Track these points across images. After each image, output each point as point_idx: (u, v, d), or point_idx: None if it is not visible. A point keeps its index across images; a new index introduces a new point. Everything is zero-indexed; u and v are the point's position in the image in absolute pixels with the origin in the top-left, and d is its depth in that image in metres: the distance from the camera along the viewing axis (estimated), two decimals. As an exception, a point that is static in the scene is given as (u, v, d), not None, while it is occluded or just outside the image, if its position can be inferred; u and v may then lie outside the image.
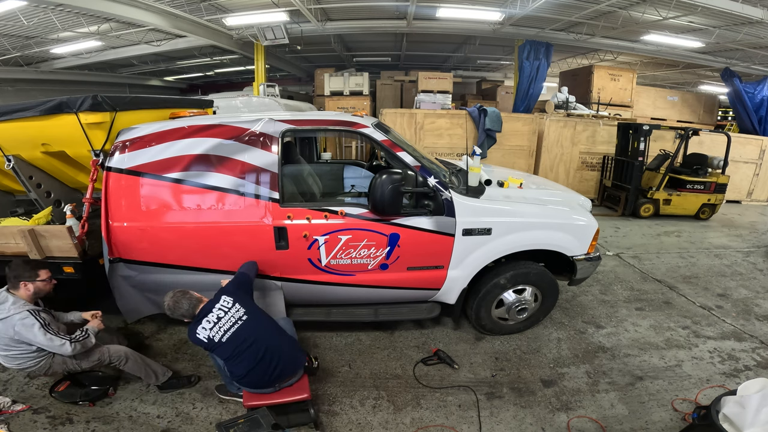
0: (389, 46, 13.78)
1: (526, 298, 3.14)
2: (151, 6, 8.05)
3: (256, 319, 2.35)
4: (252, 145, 2.68)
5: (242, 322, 2.29)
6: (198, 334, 2.25)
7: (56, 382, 2.62)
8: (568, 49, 11.74)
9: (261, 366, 2.24)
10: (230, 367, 2.30)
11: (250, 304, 2.40)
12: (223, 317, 2.28)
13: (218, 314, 2.28)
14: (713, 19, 8.19)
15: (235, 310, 2.31)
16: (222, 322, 2.26)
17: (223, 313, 2.29)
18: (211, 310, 2.30)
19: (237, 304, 2.33)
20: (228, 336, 2.24)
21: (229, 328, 2.25)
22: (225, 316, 2.28)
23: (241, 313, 2.31)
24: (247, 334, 2.26)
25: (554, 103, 9.17)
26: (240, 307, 2.33)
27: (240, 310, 2.32)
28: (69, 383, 2.60)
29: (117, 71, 15.71)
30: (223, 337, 2.24)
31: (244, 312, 2.32)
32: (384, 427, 2.42)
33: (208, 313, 2.29)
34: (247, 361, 2.24)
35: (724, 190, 7.02)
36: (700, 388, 2.75)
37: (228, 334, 2.24)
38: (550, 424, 2.44)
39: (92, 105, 2.53)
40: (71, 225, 2.68)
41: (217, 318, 2.27)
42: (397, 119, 7.60)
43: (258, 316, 2.38)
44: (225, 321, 2.27)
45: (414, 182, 2.72)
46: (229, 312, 2.30)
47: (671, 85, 16.01)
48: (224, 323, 2.26)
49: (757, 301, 4.11)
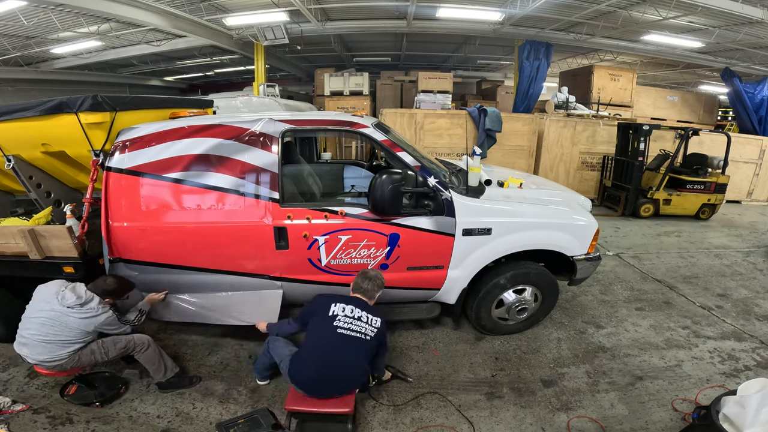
0: (389, 46, 13.78)
1: (526, 298, 3.14)
2: (151, 6, 8.05)
3: (367, 348, 2.34)
4: (252, 145, 2.68)
5: (362, 337, 2.31)
6: (333, 305, 2.34)
7: (64, 385, 2.62)
8: (568, 49, 11.74)
9: (326, 374, 2.24)
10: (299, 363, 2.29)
11: (378, 338, 2.38)
12: (362, 322, 2.33)
13: (362, 316, 2.34)
14: (713, 19, 8.20)
15: (371, 329, 2.34)
16: (357, 323, 2.31)
17: (365, 321, 2.34)
18: (363, 309, 2.37)
19: (376, 330, 2.36)
20: (343, 332, 2.27)
21: (354, 330, 2.30)
22: (363, 323, 2.33)
23: (371, 334, 2.34)
24: (351, 345, 2.28)
25: (554, 103, 9.17)
26: (374, 332, 2.35)
27: (373, 332, 2.34)
28: (77, 386, 2.61)
29: (117, 71, 15.72)
30: (339, 328, 2.28)
31: (372, 335, 2.34)
32: (384, 427, 2.42)
33: (359, 308, 2.36)
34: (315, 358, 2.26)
35: (724, 190, 7.02)
36: (700, 388, 2.75)
37: (346, 332, 2.28)
38: (550, 424, 2.44)
39: (92, 105, 2.53)
40: (71, 225, 2.67)
41: (359, 318, 2.33)
42: (397, 119, 7.60)
43: (370, 348, 2.36)
44: (358, 324, 2.31)
45: (414, 182, 2.72)
46: (368, 325, 2.34)
47: (671, 85, 16.02)
48: (356, 325, 2.31)
49: (757, 301, 4.11)
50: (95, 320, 2.37)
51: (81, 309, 2.33)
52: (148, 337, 2.61)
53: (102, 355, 2.49)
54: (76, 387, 2.61)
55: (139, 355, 2.57)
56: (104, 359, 2.51)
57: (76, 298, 2.34)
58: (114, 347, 2.51)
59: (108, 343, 2.50)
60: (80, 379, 2.60)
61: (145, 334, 2.64)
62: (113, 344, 2.51)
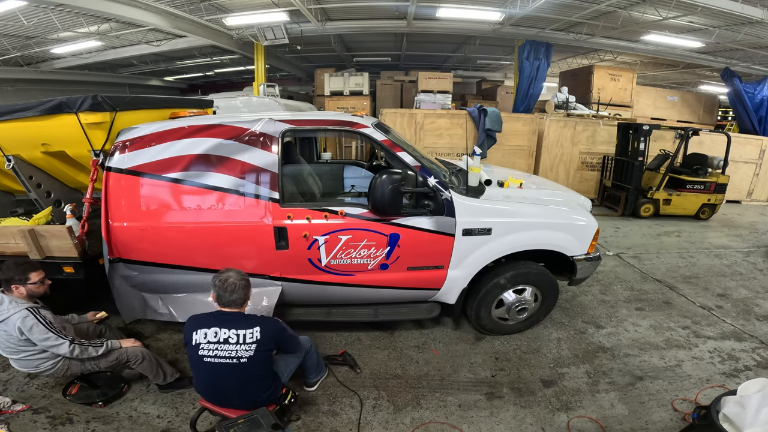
0: (389, 46, 13.78)
1: (526, 298, 3.14)
2: (151, 6, 8.05)
3: (249, 370, 2.02)
4: (252, 145, 2.68)
5: (235, 362, 1.98)
6: (195, 333, 2.02)
7: (67, 385, 2.62)
8: (568, 49, 11.74)
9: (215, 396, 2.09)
10: (191, 370, 2.14)
11: (263, 354, 2.05)
12: (231, 345, 1.98)
13: (231, 337, 1.99)
14: (713, 19, 8.20)
15: (245, 349, 1.99)
16: (224, 347, 1.99)
17: (235, 341, 1.99)
18: (230, 326, 2.01)
19: (254, 346, 2.00)
20: (211, 361, 1.98)
21: (222, 356, 1.98)
22: (233, 345, 1.98)
23: (246, 355, 1.99)
24: (224, 373, 2.00)
25: (554, 103, 9.17)
26: (252, 350, 1.99)
27: (249, 352, 1.99)
28: (80, 385, 2.61)
29: (117, 71, 15.72)
30: (206, 357, 1.99)
31: (249, 357, 1.99)
32: (384, 427, 2.42)
33: (225, 327, 2.01)
34: (203, 383, 2.08)
35: (724, 190, 7.02)
36: (700, 388, 2.75)
37: (213, 360, 1.98)
38: (550, 424, 2.44)
39: (92, 105, 2.53)
40: (71, 225, 2.68)
41: (226, 340, 1.99)
42: (397, 119, 7.60)
43: (254, 367, 2.03)
44: (226, 348, 1.98)
45: (414, 182, 2.72)
46: (240, 345, 1.99)
47: (671, 85, 16.02)
48: (224, 350, 1.98)
49: (757, 301, 4.11)
50: (10, 323, 2.15)
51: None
52: (142, 350, 2.55)
53: (92, 366, 2.43)
54: (79, 386, 2.61)
55: (135, 367, 2.53)
56: (95, 369, 2.46)
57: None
58: (105, 359, 2.43)
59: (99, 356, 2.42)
60: (82, 378, 2.59)
61: (138, 347, 2.55)
62: (104, 356, 2.42)
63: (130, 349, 2.52)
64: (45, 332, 2.19)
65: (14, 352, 2.28)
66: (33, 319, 2.20)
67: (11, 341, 2.24)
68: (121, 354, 2.49)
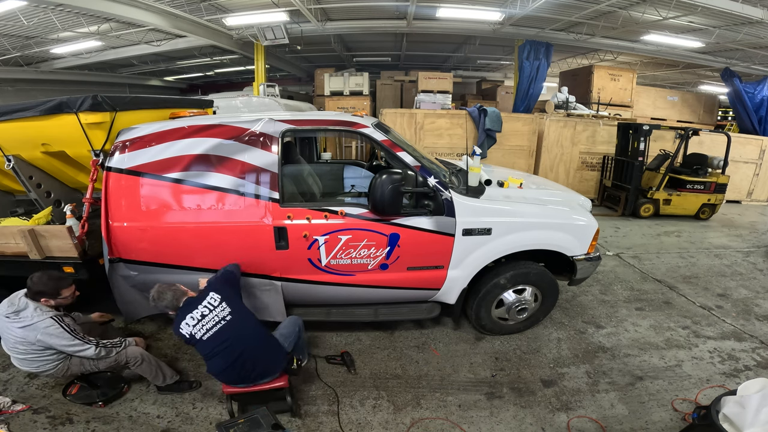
0: (389, 46, 13.78)
1: (526, 298, 3.14)
2: (151, 6, 8.05)
3: (240, 321, 2.30)
4: (252, 145, 2.68)
5: (225, 323, 2.25)
6: (181, 329, 2.25)
7: (67, 384, 2.62)
8: (568, 49, 11.73)
9: (236, 366, 2.24)
10: (208, 363, 2.29)
11: (236, 304, 2.36)
12: (208, 315, 2.25)
13: (203, 311, 2.25)
14: (713, 19, 8.19)
15: (220, 309, 2.28)
16: (205, 320, 2.24)
17: (208, 311, 2.26)
18: (196, 306, 2.27)
19: (223, 303, 2.30)
20: (209, 335, 2.22)
21: (211, 327, 2.23)
22: (209, 315, 2.25)
23: (225, 313, 2.27)
24: (227, 335, 2.24)
25: (554, 103, 9.17)
26: (226, 306, 2.29)
27: (225, 309, 2.28)
28: (80, 385, 2.61)
29: (117, 71, 15.71)
30: (204, 336, 2.22)
31: (229, 312, 2.28)
32: (384, 427, 2.42)
33: (193, 309, 2.26)
34: (223, 360, 2.23)
35: (724, 190, 7.02)
36: (700, 388, 2.75)
37: (209, 333, 2.22)
38: (550, 424, 2.44)
39: (92, 105, 2.53)
40: (71, 225, 2.67)
41: (201, 315, 2.25)
42: (397, 119, 7.60)
43: (243, 316, 2.33)
44: (209, 319, 2.24)
45: (414, 182, 2.72)
46: (214, 310, 2.27)
47: (671, 85, 16.01)
48: (207, 321, 2.24)
49: (757, 301, 4.11)
50: (33, 329, 2.20)
51: (17, 318, 2.22)
52: (141, 351, 2.56)
53: (92, 367, 2.45)
54: (79, 386, 2.61)
55: (134, 368, 2.54)
56: (94, 369, 2.48)
57: (8, 305, 2.24)
58: (105, 360, 2.45)
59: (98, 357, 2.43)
60: (82, 378, 2.60)
61: (138, 348, 2.57)
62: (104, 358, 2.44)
63: (130, 350, 2.52)
64: (71, 339, 2.28)
65: (21, 353, 2.29)
66: (59, 328, 2.25)
67: (23, 344, 2.25)
68: (120, 355, 2.49)
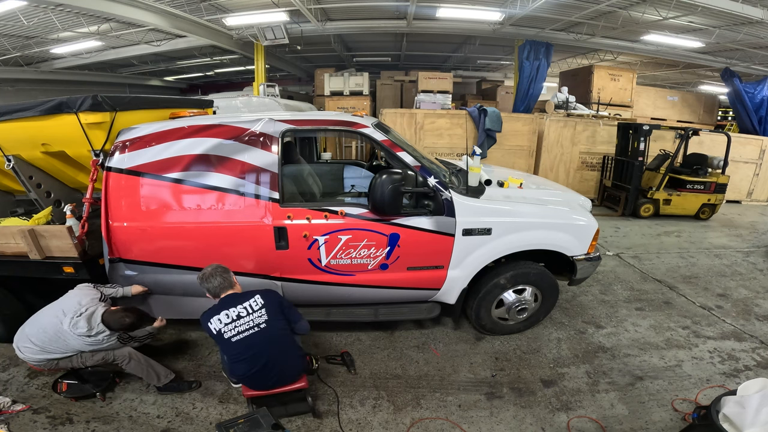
0: (389, 46, 13.77)
1: (526, 298, 3.14)
2: (151, 6, 8.05)
3: (272, 332, 2.26)
4: (252, 145, 2.68)
5: (258, 330, 2.23)
6: (210, 323, 2.21)
7: (54, 383, 2.62)
8: (568, 49, 11.73)
9: (260, 373, 2.25)
10: (231, 365, 2.30)
11: (275, 314, 2.31)
12: (244, 317, 2.22)
13: (240, 312, 2.22)
14: (713, 19, 8.19)
15: (258, 315, 2.25)
16: (240, 322, 2.21)
17: (246, 313, 2.23)
18: (236, 303, 2.24)
19: (263, 309, 2.27)
20: (239, 338, 2.20)
21: (244, 330, 2.21)
22: (246, 317, 2.23)
23: (262, 320, 2.25)
24: (257, 343, 2.22)
25: (554, 103, 9.16)
26: (264, 314, 2.26)
27: (262, 317, 2.25)
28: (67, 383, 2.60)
29: (117, 71, 15.71)
30: (233, 337, 2.20)
31: (265, 320, 2.25)
32: (384, 427, 2.42)
33: (231, 306, 2.23)
34: (248, 366, 2.23)
35: (724, 190, 7.02)
36: (700, 388, 2.75)
37: (240, 336, 2.20)
38: (550, 424, 2.44)
39: (92, 105, 2.53)
40: (71, 225, 2.67)
41: (238, 315, 2.22)
42: (397, 119, 7.60)
43: (276, 328, 2.29)
44: (243, 322, 2.22)
45: (414, 182, 2.72)
46: (252, 314, 2.24)
47: (671, 85, 16.01)
48: (241, 324, 2.21)
49: (757, 301, 4.11)
50: (98, 346, 2.42)
51: (88, 338, 2.37)
52: (129, 350, 2.56)
53: (79, 363, 2.50)
54: (67, 384, 2.60)
55: (124, 367, 2.57)
56: (81, 366, 2.52)
57: (87, 329, 2.36)
58: (92, 358, 2.50)
59: (86, 355, 2.49)
60: (67, 375, 2.62)
61: (126, 347, 2.57)
62: (91, 356, 2.49)
63: (117, 350, 2.54)
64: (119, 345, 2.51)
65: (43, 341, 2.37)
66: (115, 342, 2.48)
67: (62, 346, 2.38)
68: (108, 354, 2.51)
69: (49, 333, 2.37)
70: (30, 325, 2.45)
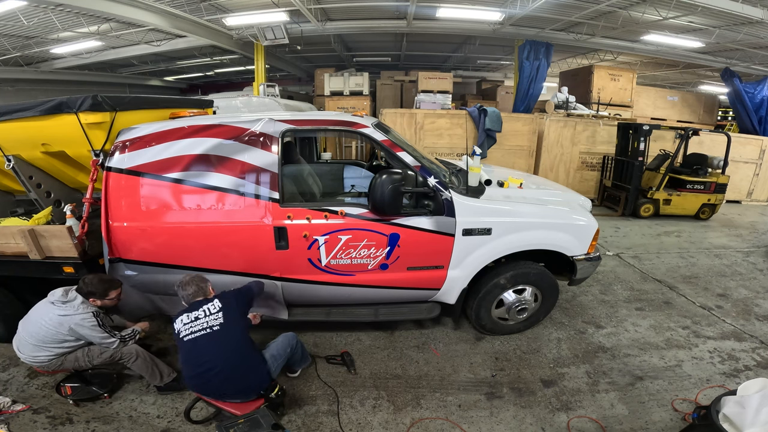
0: (389, 46, 13.78)
1: (526, 298, 3.14)
2: (151, 6, 8.05)
3: (225, 336, 2.22)
4: (252, 145, 2.68)
5: (209, 332, 2.20)
6: (175, 324, 2.27)
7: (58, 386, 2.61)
8: (568, 49, 11.73)
9: (201, 378, 2.19)
10: (181, 365, 2.30)
11: (232, 318, 2.28)
12: (201, 319, 2.24)
13: (199, 314, 2.25)
14: (713, 19, 8.20)
15: (213, 318, 2.24)
16: (196, 323, 2.23)
17: (203, 315, 2.25)
18: (199, 306, 2.28)
19: (220, 313, 2.26)
20: (189, 338, 2.20)
21: (196, 331, 2.21)
22: (203, 319, 2.24)
23: (216, 323, 2.23)
24: (202, 344, 2.19)
25: (554, 103, 9.16)
26: (220, 317, 2.25)
27: (218, 320, 2.23)
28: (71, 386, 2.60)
29: (117, 71, 15.72)
30: (185, 337, 2.21)
31: (220, 323, 2.23)
32: (384, 427, 2.42)
33: (195, 309, 2.27)
34: (190, 368, 2.22)
35: (724, 190, 7.02)
36: (700, 388, 2.75)
37: (190, 337, 2.20)
38: (550, 424, 2.44)
39: (92, 105, 2.53)
40: (71, 225, 2.67)
41: (196, 317, 2.24)
42: (397, 119, 7.60)
43: (230, 332, 2.25)
44: (199, 323, 2.23)
45: (414, 182, 2.72)
46: (209, 317, 2.24)
47: (671, 85, 16.01)
48: (196, 325, 2.22)
49: (757, 301, 4.11)
50: (71, 319, 2.35)
51: (62, 306, 2.38)
52: (136, 347, 2.58)
53: (86, 362, 2.50)
54: (71, 388, 2.60)
55: (129, 365, 2.57)
56: (88, 366, 2.52)
57: (61, 294, 2.42)
58: (99, 356, 2.50)
59: (94, 352, 2.50)
60: (70, 378, 2.62)
61: (133, 344, 2.59)
62: (99, 353, 2.50)
63: (124, 348, 2.55)
64: (101, 332, 2.44)
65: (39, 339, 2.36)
66: (95, 321, 2.42)
67: (51, 330, 2.35)
68: (116, 352, 2.51)
69: (37, 321, 2.39)
70: (23, 324, 2.47)
